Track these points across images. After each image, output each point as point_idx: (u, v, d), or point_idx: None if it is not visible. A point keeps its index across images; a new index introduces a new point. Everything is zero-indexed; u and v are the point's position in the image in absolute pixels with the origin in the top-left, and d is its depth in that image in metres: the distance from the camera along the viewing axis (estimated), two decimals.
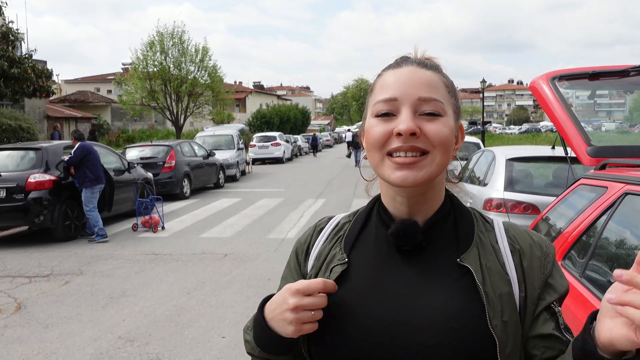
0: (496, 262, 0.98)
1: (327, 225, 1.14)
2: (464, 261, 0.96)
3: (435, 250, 0.99)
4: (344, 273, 1.01)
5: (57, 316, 5.36)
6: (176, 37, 29.06)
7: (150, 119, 41.78)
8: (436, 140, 0.94)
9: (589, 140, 3.15)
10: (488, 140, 32.16)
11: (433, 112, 0.95)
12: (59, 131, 22.45)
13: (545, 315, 0.96)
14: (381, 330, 0.94)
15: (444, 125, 0.95)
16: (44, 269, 7.30)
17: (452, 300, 0.94)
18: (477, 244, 0.99)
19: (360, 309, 0.97)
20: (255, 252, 7.94)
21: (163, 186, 13.47)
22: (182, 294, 6.00)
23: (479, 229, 1.02)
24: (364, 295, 0.98)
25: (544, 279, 0.98)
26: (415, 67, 0.99)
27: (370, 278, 1.00)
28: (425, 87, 0.96)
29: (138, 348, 4.51)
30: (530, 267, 0.98)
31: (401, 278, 0.98)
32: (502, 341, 0.91)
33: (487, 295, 0.93)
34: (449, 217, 1.02)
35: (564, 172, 5.55)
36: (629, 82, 3.66)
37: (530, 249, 1.00)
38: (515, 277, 0.97)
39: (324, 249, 1.09)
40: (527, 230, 1.04)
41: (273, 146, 29.29)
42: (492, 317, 0.92)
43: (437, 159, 0.95)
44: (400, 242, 0.98)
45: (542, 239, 1.03)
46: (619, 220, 2.48)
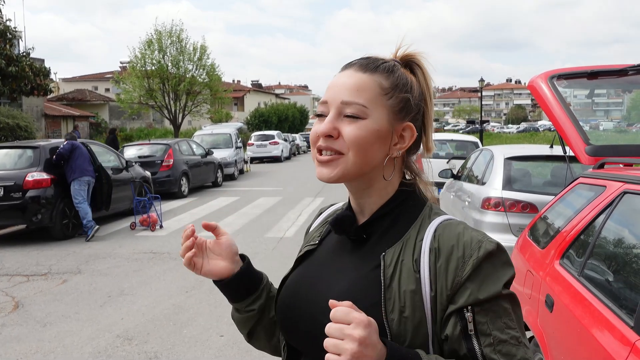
0: (410, 259, 0.99)
1: (327, 210, 1.27)
2: (386, 255, 1.01)
3: (374, 242, 1.06)
4: (309, 252, 1.15)
5: (55, 315, 5.36)
6: (174, 35, 29.04)
7: (148, 117, 41.72)
8: (350, 143, 1.00)
9: (587, 140, 3.15)
10: (486, 139, 32.21)
11: (352, 115, 1.01)
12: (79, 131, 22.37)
13: (455, 319, 0.94)
14: (302, 306, 1.06)
15: (362, 127, 1.00)
16: (41, 267, 7.29)
17: (354, 288, 1.00)
18: (405, 240, 1.03)
19: (298, 283, 1.11)
20: (253, 251, 7.94)
21: (161, 185, 13.46)
22: (181, 292, 6.00)
23: (416, 225, 1.04)
24: (307, 272, 1.12)
25: (458, 281, 0.94)
26: (352, 70, 1.04)
27: (322, 260, 1.12)
28: (350, 91, 1.01)
29: (136, 347, 4.51)
30: (444, 267, 0.96)
31: (340, 263, 1.08)
32: (396, 335, 0.94)
33: (390, 290, 0.97)
34: (392, 214, 1.07)
35: (562, 171, 5.55)
36: (627, 81, 3.67)
37: (450, 250, 0.97)
38: (427, 275, 0.97)
39: (313, 230, 1.24)
40: (464, 232, 1.00)
41: (271, 145, 29.27)
42: (390, 311, 0.95)
43: (352, 159, 1.01)
44: (336, 230, 1.09)
45: (473, 242, 0.97)
46: (618, 219, 2.48)
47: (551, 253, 2.89)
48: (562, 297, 2.49)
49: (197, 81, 29.68)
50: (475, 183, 6.59)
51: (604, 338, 1.96)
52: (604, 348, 1.90)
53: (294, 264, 1.16)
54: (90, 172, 9.23)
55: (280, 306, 1.12)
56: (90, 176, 9.20)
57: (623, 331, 1.84)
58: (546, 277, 2.78)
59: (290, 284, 1.12)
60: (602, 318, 2.04)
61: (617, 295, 2.12)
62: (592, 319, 2.12)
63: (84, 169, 9.11)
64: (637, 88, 4.68)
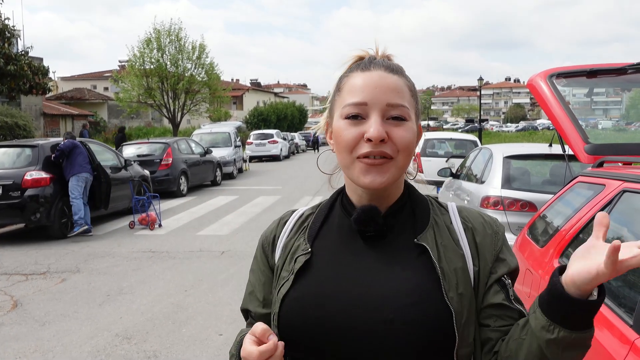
0: (450, 240, 1.05)
1: (291, 218, 1.19)
2: (421, 241, 1.03)
3: (395, 235, 1.06)
4: (307, 262, 1.07)
5: (53, 314, 5.35)
6: (173, 34, 29.04)
7: (147, 116, 41.69)
8: (401, 146, 1.00)
9: (586, 138, 3.15)
10: (485, 138, 32.22)
11: (400, 117, 1.01)
12: (88, 130, 22.33)
13: (496, 287, 1.03)
14: (342, 311, 0.99)
15: (408, 130, 1.02)
16: (40, 266, 7.28)
17: (408, 278, 1.00)
18: (433, 225, 1.07)
19: (321, 293, 1.02)
20: (252, 250, 7.91)
21: (160, 184, 13.45)
22: (180, 291, 5.99)
23: (434, 212, 1.10)
24: (326, 280, 1.04)
25: (495, 254, 1.05)
26: (383, 71, 1.03)
27: (333, 264, 1.06)
28: (393, 93, 1.01)
29: (135, 346, 4.50)
30: (483, 243, 1.06)
31: (362, 262, 1.04)
32: (458, 312, 0.97)
33: (442, 270, 1.00)
34: (407, 206, 1.10)
35: (561, 169, 5.55)
36: (626, 79, 3.66)
37: (483, 227, 1.08)
38: (469, 252, 1.05)
39: (289, 240, 1.14)
40: (479, 211, 1.13)
41: (270, 144, 29.24)
42: (448, 290, 0.98)
43: (401, 162, 1.02)
44: (362, 226, 1.04)
45: (492, 219, 1.11)
46: (617, 217, 2.48)
47: (550, 252, 2.89)
48: None
49: (196, 80, 29.68)
50: (474, 182, 6.59)
51: (603, 337, 1.96)
52: (603, 347, 1.90)
53: (294, 277, 1.06)
54: (89, 170, 9.23)
55: (295, 323, 1.02)
56: (89, 173, 9.21)
57: (622, 330, 1.84)
58: (545, 276, 2.78)
59: (301, 296, 1.03)
60: (601, 317, 2.04)
61: (616, 294, 2.12)
62: None
63: (83, 166, 9.13)
64: (636, 87, 4.68)
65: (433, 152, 13.19)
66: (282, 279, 1.08)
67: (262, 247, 1.19)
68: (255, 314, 1.16)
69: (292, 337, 1.02)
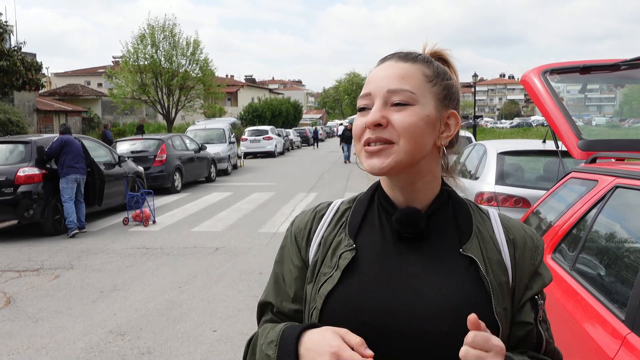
0: (495, 252, 1.03)
1: (328, 211, 1.15)
2: (467, 251, 1.01)
3: (436, 239, 1.03)
4: (353, 259, 1.03)
5: (47, 310, 5.33)
6: (167, 30, 28.88)
7: (141, 112, 41.54)
8: (402, 130, 0.97)
9: (579, 134, 3.15)
10: (480, 134, 32.29)
11: (401, 102, 0.98)
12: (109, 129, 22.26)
13: (529, 306, 1.04)
14: (388, 316, 0.96)
15: (412, 114, 0.98)
16: (33, 263, 7.25)
17: (457, 289, 0.98)
18: (477, 234, 1.04)
19: (369, 295, 0.99)
20: (246, 246, 7.93)
21: (154, 180, 13.41)
22: (174, 288, 5.98)
23: (476, 219, 1.07)
24: (373, 282, 1.00)
25: (533, 270, 1.05)
26: (393, 61, 1.03)
27: (379, 265, 1.02)
28: (395, 79, 1.00)
29: (129, 342, 4.49)
30: (522, 257, 1.05)
31: (409, 267, 1.01)
32: (503, 327, 0.98)
33: (491, 285, 0.98)
34: (447, 207, 1.07)
35: (554, 165, 5.57)
36: (619, 76, 3.67)
37: (524, 240, 1.06)
38: (509, 266, 1.03)
39: (329, 235, 1.09)
40: (521, 224, 1.11)
41: (265, 140, 29.19)
42: (496, 304, 0.98)
43: (404, 147, 0.97)
44: (402, 229, 1.02)
45: (533, 232, 1.10)
46: (609, 213, 2.49)
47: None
48: (553, 291, 2.50)
49: (190, 76, 29.55)
50: (468, 178, 6.60)
51: (596, 332, 1.96)
52: (596, 342, 1.91)
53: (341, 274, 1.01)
54: (79, 170, 9.05)
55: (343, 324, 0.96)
56: (78, 174, 9.04)
57: (614, 325, 1.85)
58: None
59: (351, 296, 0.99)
60: (593, 312, 2.05)
61: (609, 289, 2.13)
62: (584, 312, 2.12)
63: (72, 166, 8.94)
64: (629, 83, 4.70)
65: None
66: (323, 274, 1.04)
67: (294, 239, 1.13)
68: (283, 309, 1.09)
69: None
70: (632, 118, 8.33)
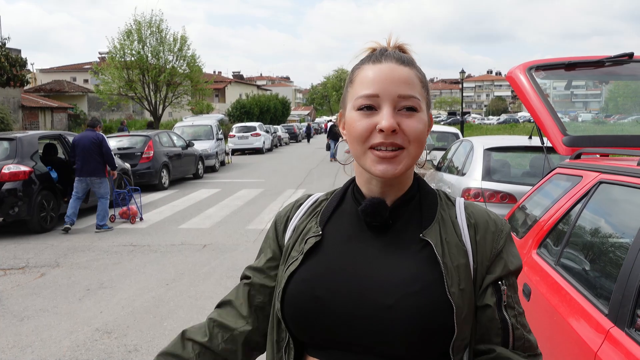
0: (454, 236, 1.07)
1: (306, 201, 1.23)
2: (426, 236, 1.05)
3: (401, 227, 1.09)
4: (317, 244, 1.10)
5: (32, 309, 5.29)
6: (154, 25, 28.67)
7: (128, 109, 41.22)
8: (412, 136, 1.03)
9: (564, 130, 3.18)
10: (467, 131, 32.42)
11: (411, 107, 1.03)
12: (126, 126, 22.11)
13: (491, 290, 1.05)
14: (346, 293, 1.02)
15: (419, 121, 1.04)
16: (19, 261, 7.18)
17: (410, 267, 1.03)
18: (439, 220, 1.09)
19: (324, 274, 1.06)
20: (234, 243, 7.91)
21: (141, 177, 13.33)
22: (161, 285, 5.95)
23: (441, 206, 1.12)
24: (334, 263, 1.07)
25: (495, 253, 1.07)
26: (394, 63, 1.05)
27: (341, 249, 1.09)
28: (404, 85, 1.03)
29: (116, 340, 4.47)
30: (483, 240, 1.07)
31: (369, 249, 1.07)
32: (458, 307, 0.99)
33: (445, 266, 1.02)
34: (415, 198, 1.12)
35: (540, 161, 5.61)
36: (604, 72, 3.70)
37: (486, 225, 1.09)
38: (470, 249, 1.06)
39: (302, 222, 1.18)
40: (486, 209, 1.14)
41: (253, 136, 29.12)
42: (450, 285, 1.00)
43: (413, 153, 1.04)
44: (368, 218, 1.08)
45: (498, 217, 1.12)
46: (593, 208, 2.51)
47: (529, 243, 2.92)
48: (539, 286, 2.52)
49: (178, 72, 29.37)
50: (455, 174, 6.63)
51: (580, 326, 1.98)
52: (580, 336, 1.93)
53: (303, 257, 1.09)
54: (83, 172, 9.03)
55: (299, 301, 1.06)
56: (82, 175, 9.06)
57: (598, 319, 1.87)
58: (524, 267, 2.81)
59: (312, 277, 1.06)
60: (577, 306, 2.07)
61: (593, 284, 2.15)
62: (568, 307, 2.14)
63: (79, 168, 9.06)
64: (614, 79, 4.73)
65: None
66: (291, 258, 1.12)
67: (275, 225, 1.23)
68: (253, 277, 1.20)
69: (294, 316, 1.06)
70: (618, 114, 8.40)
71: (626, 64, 3.38)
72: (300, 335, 1.07)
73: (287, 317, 1.07)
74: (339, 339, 1.02)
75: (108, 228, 9.00)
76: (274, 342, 1.13)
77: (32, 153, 9.13)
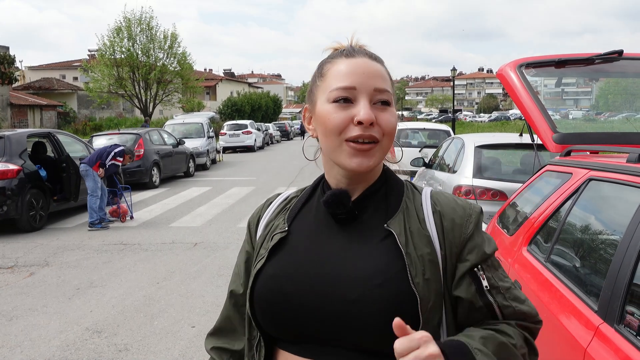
0: (418, 225, 1.06)
1: (276, 200, 1.24)
2: (390, 226, 1.05)
3: (367, 218, 1.08)
4: (282, 240, 1.11)
5: (21, 308, 5.24)
6: (144, 23, 28.58)
7: (118, 106, 41.02)
8: (387, 130, 1.04)
9: (554, 128, 3.18)
10: (458, 128, 32.55)
11: (386, 101, 1.05)
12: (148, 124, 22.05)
13: (468, 280, 1.03)
14: (312, 288, 1.03)
15: (392, 114, 1.06)
16: (7, 260, 7.12)
17: (374, 260, 1.02)
18: (404, 210, 1.08)
19: (295, 270, 1.06)
20: (225, 241, 7.89)
21: (131, 175, 13.22)
22: (152, 284, 5.92)
23: (407, 196, 1.11)
24: (301, 258, 1.08)
25: (464, 238, 1.05)
26: (367, 59, 1.07)
27: (307, 244, 1.09)
28: (379, 79, 1.05)
29: (106, 339, 4.44)
30: (451, 226, 1.06)
31: (334, 242, 1.07)
32: (423, 297, 0.99)
33: (409, 256, 1.01)
34: (381, 190, 1.11)
35: (531, 159, 5.62)
36: (594, 69, 3.71)
37: (452, 211, 1.07)
38: (435, 236, 1.05)
39: (271, 221, 1.19)
40: (454, 196, 1.12)
41: (244, 134, 29.03)
42: (414, 275, 0.99)
43: (385, 146, 1.05)
44: (331, 209, 1.08)
45: (466, 203, 1.10)
46: (583, 205, 2.52)
47: (519, 240, 2.93)
48: (529, 283, 2.52)
49: (168, 70, 29.31)
50: (446, 171, 6.65)
51: (570, 323, 1.99)
52: (570, 332, 1.93)
53: (268, 254, 1.10)
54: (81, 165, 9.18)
55: (267, 298, 1.06)
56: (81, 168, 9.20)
57: (588, 315, 1.87)
58: (514, 264, 2.82)
59: (278, 272, 1.07)
60: (567, 303, 2.07)
61: (583, 280, 2.15)
62: (558, 304, 2.15)
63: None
64: (603, 76, 4.75)
65: (406, 142, 13.24)
66: (259, 256, 1.13)
67: (248, 227, 1.25)
68: (238, 291, 1.20)
69: (264, 312, 1.07)
70: (608, 112, 8.44)
71: (616, 61, 3.40)
72: (271, 331, 1.08)
73: (257, 314, 1.08)
74: (307, 333, 1.03)
75: (100, 227, 8.93)
76: (247, 341, 1.15)
77: (21, 151, 9.06)
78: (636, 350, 1.54)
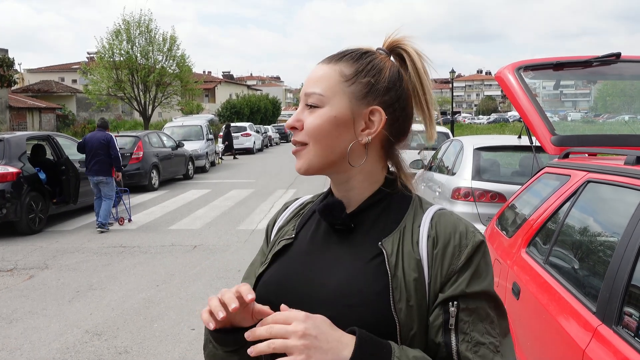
0: (411, 247, 0.99)
1: (292, 204, 1.23)
2: (383, 244, 1.00)
3: (364, 232, 1.04)
4: (286, 247, 1.10)
5: (21, 311, 5.24)
6: (143, 25, 28.52)
7: (117, 109, 40.96)
8: (309, 132, 1.02)
9: (553, 130, 3.20)
10: (457, 130, 32.52)
11: (312, 105, 1.03)
12: None
13: (439, 310, 0.95)
14: (295, 301, 0.98)
15: (317, 116, 1.02)
16: (7, 263, 7.12)
17: (357, 278, 0.97)
18: (402, 229, 1.02)
19: (285, 279, 1.05)
20: (225, 244, 7.89)
21: (131, 178, 13.24)
22: (151, 286, 5.93)
23: (409, 214, 1.04)
24: (294, 268, 1.06)
25: (452, 269, 0.96)
26: (320, 64, 1.07)
27: (305, 253, 1.08)
28: (311, 82, 1.04)
29: (106, 342, 4.44)
30: (442, 254, 0.97)
31: (329, 254, 1.04)
32: (404, 324, 0.93)
33: (395, 279, 0.95)
34: (381, 204, 1.06)
35: (530, 161, 5.63)
36: (592, 72, 3.73)
37: (447, 238, 0.98)
38: (425, 261, 0.97)
39: (283, 225, 1.18)
40: (458, 222, 1.02)
41: (243, 137, 29.06)
42: (398, 300, 0.94)
43: (313, 148, 1.02)
44: (324, 218, 1.06)
45: (466, 231, 0.99)
46: (581, 207, 2.53)
47: (518, 242, 2.94)
48: (528, 285, 2.53)
49: (167, 72, 29.23)
50: (445, 173, 6.65)
51: (568, 324, 2.00)
52: (568, 334, 1.94)
53: (271, 260, 1.09)
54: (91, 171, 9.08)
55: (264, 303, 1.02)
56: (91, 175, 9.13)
57: (586, 317, 1.88)
58: (513, 266, 2.83)
59: (271, 280, 1.07)
60: (566, 305, 2.08)
61: (581, 282, 2.16)
62: (557, 305, 2.16)
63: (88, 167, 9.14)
64: (601, 79, 4.77)
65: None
66: (265, 260, 1.13)
67: (266, 229, 1.25)
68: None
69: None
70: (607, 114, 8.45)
71: (613, 63, 3.41)
72: None
73: None
74: None
75: (107, 229, 8.96)
76: None
77: (20, 154, 9.06)
78: (634, 351, 1.55)
